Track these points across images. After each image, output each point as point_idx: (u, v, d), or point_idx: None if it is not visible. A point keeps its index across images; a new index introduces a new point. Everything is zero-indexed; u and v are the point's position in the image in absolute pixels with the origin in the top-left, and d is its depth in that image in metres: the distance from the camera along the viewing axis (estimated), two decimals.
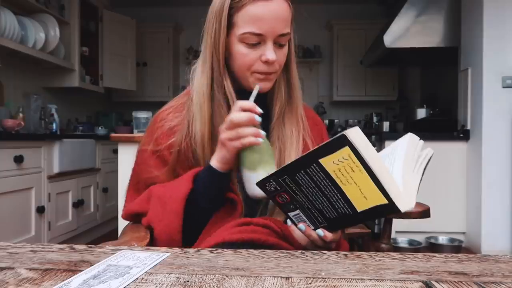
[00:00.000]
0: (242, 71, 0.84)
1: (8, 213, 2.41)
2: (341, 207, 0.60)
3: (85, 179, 3.32)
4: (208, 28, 0.85)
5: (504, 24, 3.00)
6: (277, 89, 0.90)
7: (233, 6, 0.80)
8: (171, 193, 0.80)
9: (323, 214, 0.64)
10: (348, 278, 0.48)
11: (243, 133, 0.75)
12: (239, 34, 0.80)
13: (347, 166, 0.54)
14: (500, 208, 3.01)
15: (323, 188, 0.58)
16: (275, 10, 0.79)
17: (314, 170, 0.56)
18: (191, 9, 5.00)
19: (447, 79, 4.10)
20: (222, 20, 0.81)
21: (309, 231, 0.72)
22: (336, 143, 0.53)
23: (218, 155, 0.79)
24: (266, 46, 0.81)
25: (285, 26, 0.81)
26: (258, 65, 0.82)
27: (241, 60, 0.83)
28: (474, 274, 0.50)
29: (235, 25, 0.81)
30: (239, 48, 0.82)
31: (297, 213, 0.68)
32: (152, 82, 4.93)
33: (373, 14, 4.80)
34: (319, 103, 5.05)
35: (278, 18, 0.80)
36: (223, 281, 0.47)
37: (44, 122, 3.30)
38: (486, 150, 3.02)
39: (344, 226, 0.71)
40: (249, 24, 0.79)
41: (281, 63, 0.85)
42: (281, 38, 0.82)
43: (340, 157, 0.53)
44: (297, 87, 0.92)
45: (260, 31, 0.79)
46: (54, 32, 3.33)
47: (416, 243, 3.23)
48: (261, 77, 0.83)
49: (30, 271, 0.50)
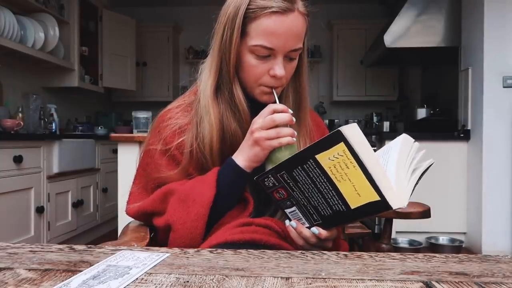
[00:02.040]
0: (249, 81, 0.84)
1: (8, 213, 2.41)
2: (335, 204, 0.61)
3: (84, 179, 3.32)
4: (218, 31, 0.84)
5: (505, 24, 3.00)
6: (285, 98, 0.89)
7: (248, 15, 0.78)
8: (194, 196, 0.79)
9: (318, 211, 0.65)
10: (348, 278, 0.48)
11: (282, 133, 0.77)
12: (250, 45, 0.80)
13: (341, 162, 0.55)
14: (500, 208, 3.01)
15: (319, 184, 0.60)
16: (290, 26, 0.78)
17: (311, 166, 0.58)
18: (191, 9, 5.03)
19: (447, 79, 4.10)
20: (235, 28, 0.79)
21: (300, 228, 0.72)
22: (332, 139, 0.54)
23: (249, 154, 0.80)
24: (276, 60, 0.80)
25: (298, 42, 0.81)
26: (265, 79, 0.82)
27: (249, 71, 0.82)
28: (475, 274, 0.50)
29: (248, 35, 0.80)
30: (248, 59, 0.81)
31: (294, 209, 0.69)
32: (151, 82, 4.93)
33: (373, 14, 4.80)
34: (319, 103, 5.05)
35: (291, 34, 0.79)
36: (223, 282, 0.47)
37: (44, 122, 3.30)
38: (486, 150, 3.02)
39: (338, 224, 0.72)
40: (262, 37, 0.78)
41: (288, 77, 0.85)
42: (292, 53, 0.81)
43: (335, 153, 0.55)
44: (306, 98, 0.92)
45: (272, 45, 0.78)
46: (53, 32, 3.33)
47: (416, 243, 3.23)
48: (267, 91, 0.83)
49: (30, 272, 0.49)
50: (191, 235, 0.77)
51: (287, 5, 0.77)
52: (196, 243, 0.77)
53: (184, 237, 0.78)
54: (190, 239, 0.77)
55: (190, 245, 0.76)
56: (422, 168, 0.67)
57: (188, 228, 0.78)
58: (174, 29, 4.99)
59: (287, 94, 0.89)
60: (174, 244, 0.79)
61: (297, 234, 0.73)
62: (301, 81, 0.90)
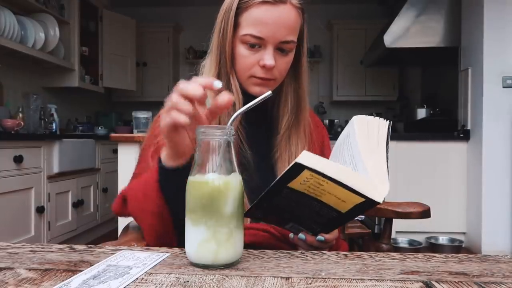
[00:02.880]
0: (241, 73, 0.84)
1: (8, 213, 2.41)
2: (327, 212, 0.61)
3: (85, 179, 3.32)
4: (217, 26, 0.85)
5: (505, 24, 3.00)
6: (284, 101, 0.88)
7: (240, 6, 0.80)
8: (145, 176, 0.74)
9: (315, 221, 0.66)
10: (348, 278, 0.48)
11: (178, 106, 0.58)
12: (241, 35, 0.80)
13: (314, 183, 0.56)
14: (500, 208, 3.01)
15: (304, 203, 0.60)
16: (279, 16, 0.78)
17: (288, 193, 0.58)
18: (191, 9, 5.03)
19: (447, 79, 4.10)
20: (229, 19, 0.81)
21: (310, 238, 0.71)
22: (294, 171, 0.54)
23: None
24: (266, 51, 0.80)
25: (289, 34, 0.80)
26: (256, 70, 0.81)
27: (241, 62, 0.82)
28: (475, 274, 0.50)
29: (239, 25, 0.81)
30: (240, 50, 0.81)
31: (291, 225, 0.69)
32: (152, 82, 4.93)
33: (373, 14, 4.80)
34: (319, 103, 5.05)
35: (281, 24, 0.79)
36: (223, 281, 0.47)
37: (44, 122, 3.30)
38: (486, 150, 3.02)
39: (338, 226, 0.72)
40: (251, 26, 0.79)
41: (282, 71, 0.84)
42: (283, 45, 0.81)
43: (304, 178, 0.55)
44: (305, 99, 0.91)
45: (261, 34, 0.78)
46: (53, 32, 3.33)
47: (416, 243, 3.23)
48: (258, 82, 0.82)
49: (30, 271, 0.49)
50: (143, 186, 0.72)
51: None
52: (150, 200, 0.71)
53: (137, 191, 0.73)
54: (143, 191, 0.72)
55: (144, 201, 0.71)
56: (384, 136, 0.67)
57: (142, 183, 0.73)
58: (174, 29, 4.99)
59: (286, 98, 0.89)
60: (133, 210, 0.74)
61: (307, 245, 0.73)
62: (300, 82, 0.89)
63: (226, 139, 0.54)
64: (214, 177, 0.53)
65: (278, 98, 0.88)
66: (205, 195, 0.53)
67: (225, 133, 0.54)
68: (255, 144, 0.85)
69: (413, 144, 3.33)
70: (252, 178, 0.80)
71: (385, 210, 1.11)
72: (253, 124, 0.86)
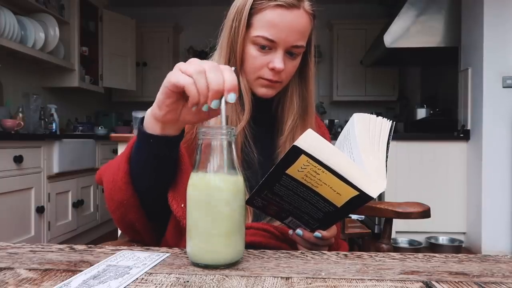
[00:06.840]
0: (249, 73, 0.84)
1: (8, 213, 2.41)
2: (323, 206, 0.62)
3: (85, 179, 3.32)
4: (227, 23, 0.85)
5: (505, 24, 3.00)
6: (289, 102, 0.89)
7: (254, 6, 0.80)
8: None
9: (312, 216, 0.66)
10: (348, 278, 0.48)
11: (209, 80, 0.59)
12: (253, 36, 0.81)
13: (311, 171, 0.56)
14: (500, 208, 3.01)
15: (301, 194, 0.60)
16: (292, 21, 0.79)
17: (286, 181, 0.58)
18: (191, 9, 5.03)
19: (447, 79, 4.10)
20: (242, 19, 0.81)
21: (307, 234, 0.72)
22: (292, 155, 0.54)
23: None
24: (276, 54, 0.80)
25: (300, 39, 0.81)
26: (264, 71, 0.82)
27: (250, 62, 0.82)
28: (475, 274, 0.50)
29: (252, 26, 0.81)
30: (250, 50, 0.82)
31: (290, 219, 0.69)
32: (152, 82, 4.92)
33: (373, 14, 4.80)
34: (319, 103, 5.05)
35: (293, 29, 0.79)
36: (223, 281, 0.47)
37: (44, 122, 3.30)
38: (486, 150, 3.02)
39: (334, 222, 0.73)
40: (264, 28, 0.79)
41: (289, 74, 0.85)
42: (293, 49, 0.81)
43: (301, 165, 0.55)
44: (312, 104, 0.91)
45: (273, 37, 0.79)
46: (53, 32, 3.33)
47: (416, 243, 3.23)
48: (265, 83, 0.83)
49: (30, 271, 0.49)
50: (113, 176, 0.75)
51: (293, 1, 0.78)
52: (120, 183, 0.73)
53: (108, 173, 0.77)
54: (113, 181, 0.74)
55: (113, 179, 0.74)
56: (385, 135, 0.67)
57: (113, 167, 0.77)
58: (174, 29, 4.99)
59: (292, 100, 0.89)
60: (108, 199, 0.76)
61: (305, 241, 0.73)
62: (307, 86, 0.90)
63: (227, 139, 0.54)
64: (215, 177, 0.53)
65: (283, 99, 0.89)
66: (206, 194, 0.53)
67: (227, 133, 0.54)
68: (260, 144, 0.86)
69: (413, 144, 3.33)
70: (255, 176, 0.80)
71: (385, 210, 1.11)
72: (258, 124, 0.86)
